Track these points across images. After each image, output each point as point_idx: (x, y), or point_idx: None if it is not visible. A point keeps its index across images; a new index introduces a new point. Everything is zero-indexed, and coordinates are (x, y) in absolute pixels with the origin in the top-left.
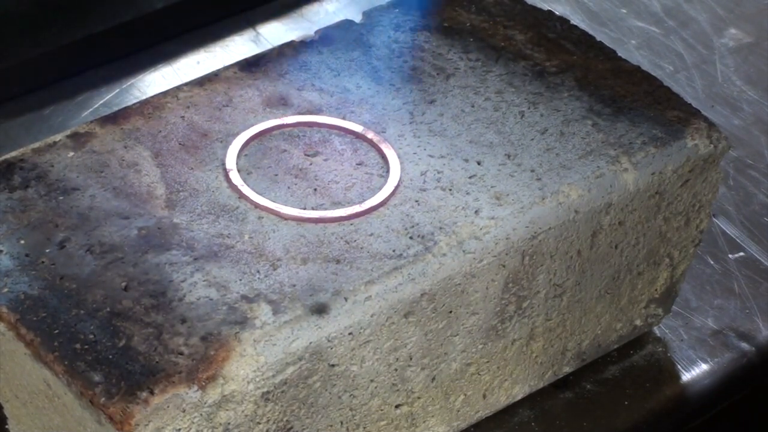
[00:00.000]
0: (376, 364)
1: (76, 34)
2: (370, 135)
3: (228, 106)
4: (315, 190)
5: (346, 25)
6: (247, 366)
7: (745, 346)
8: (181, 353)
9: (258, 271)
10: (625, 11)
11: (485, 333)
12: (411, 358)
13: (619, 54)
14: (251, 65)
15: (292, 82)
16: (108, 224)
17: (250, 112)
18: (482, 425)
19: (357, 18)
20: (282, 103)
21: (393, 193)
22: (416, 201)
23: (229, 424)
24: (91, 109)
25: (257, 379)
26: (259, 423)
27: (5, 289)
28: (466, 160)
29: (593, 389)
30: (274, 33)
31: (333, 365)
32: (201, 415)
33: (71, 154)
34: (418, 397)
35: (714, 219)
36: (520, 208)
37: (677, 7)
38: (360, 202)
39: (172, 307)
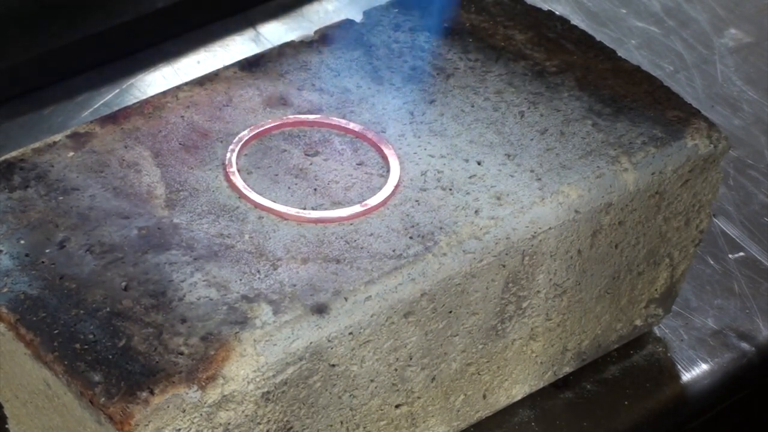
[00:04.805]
0: (376, 364)
1: (76, 34)
2: (370, 135)
3: (228, 105)
4: (315, 190)
5: (346, 24)
6: (248, 366)
7: (745, 346)
8: (181, 353)
9: (258, 271)
10: (625, 11)
11: (485, 333)
12: (411, 358)
13: (619, 54)
14: (251, 65)
15: (292, 82)
16: (108, 224)
17: (250, 112)
18: (482, 425)
19: (357, 18)
20: (282, 103)
21: (393, 193)
22: (416, 201)
23: (229, 424)
24: (91, 109)
25: (257, 379)
26: (259, 423)
27: (5, 289)
28: (466, 160)
29: (593, 389)
30: (274, 33)
31: (333, 365)
32: (201, 415)
33: (71, 154)
34: (418, 397)
35: (714, 219)
36: (520, 208)
37: (677, 7)
38: (360, 202)
39: (172, 307)
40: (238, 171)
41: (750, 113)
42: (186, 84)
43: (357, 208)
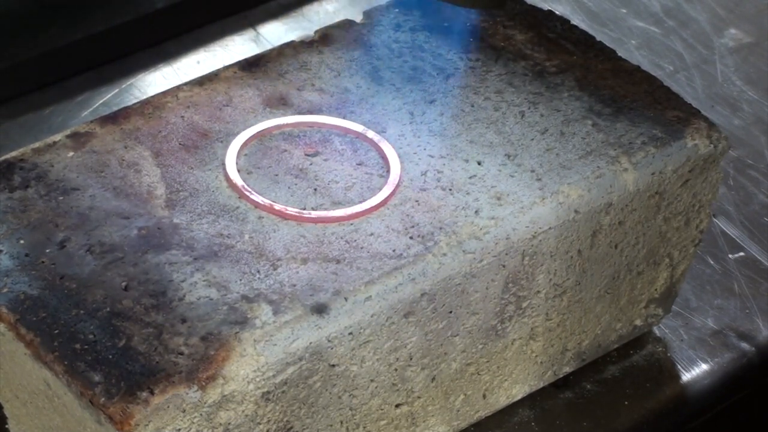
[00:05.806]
0: (376, 364)
1: (76, 34)
2: (370, 135)
3: (228, 106)
4: (315, 190)
5: (346, 25)
6: (248, 366)
7: (745, 346)
8: (181, 353)
9: (258, 271)
10: (625, 11)
11: (485, 333)
12: (411, 358)
13: (619, 54)
14: (251, 65)
15: (292, 82)
16: (108, 224)
17: (250, 112)
18: (482, 425)
19: (357, 18)
20: (282, 103)
21: (393, 193)
22: (416, 201)
23: (229, 424)
24: (91, 109)
25: (257, 379)
26: (259, 423)
27: (5, 289)
28: (466, 160)
29: (593, 389)
30: (274, 33)
31: (333, 365)
32: (201, 415)
33: (71, 154)
34: (418, 397)
35: (714, 219)
36: (520, 208)
37: (677, 7)
38: (360, 202)
39: (172, 307)
40: (238, 171)
41: (750, 113)
42: (186, 84)
43: (357, 208)
